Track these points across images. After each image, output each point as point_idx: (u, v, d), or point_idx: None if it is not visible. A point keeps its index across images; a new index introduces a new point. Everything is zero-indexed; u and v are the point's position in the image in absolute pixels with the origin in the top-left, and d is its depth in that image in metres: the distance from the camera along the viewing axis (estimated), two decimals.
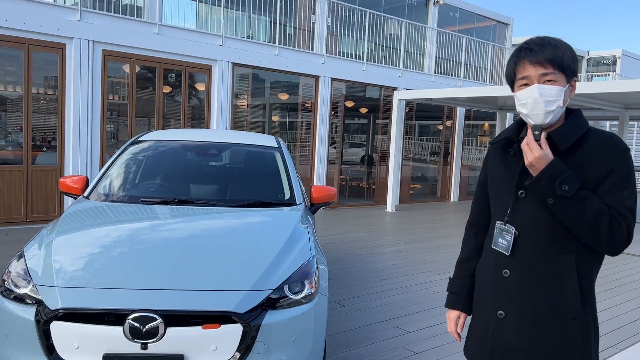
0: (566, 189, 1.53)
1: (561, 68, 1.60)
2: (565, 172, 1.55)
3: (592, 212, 1.53)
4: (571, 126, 1.65)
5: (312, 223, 3.65)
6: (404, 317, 4.64)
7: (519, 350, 1.66)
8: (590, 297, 1.65)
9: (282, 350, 2.62)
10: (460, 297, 1.92)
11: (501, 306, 1.70)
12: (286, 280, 2.75)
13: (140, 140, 4.29)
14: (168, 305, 2.45)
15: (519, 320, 1.66)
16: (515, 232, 1.67)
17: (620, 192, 1.56)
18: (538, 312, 1.63)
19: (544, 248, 1.62)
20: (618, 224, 1.54)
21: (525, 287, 1.65)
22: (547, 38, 1.64)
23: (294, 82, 11.20)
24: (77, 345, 2.42)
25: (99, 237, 2.94)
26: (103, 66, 8.50)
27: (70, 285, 2.52)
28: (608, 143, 1.61)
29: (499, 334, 1.70)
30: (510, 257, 1.68)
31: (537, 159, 1.56)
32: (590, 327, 1.64)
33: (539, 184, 1.57)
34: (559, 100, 1.59)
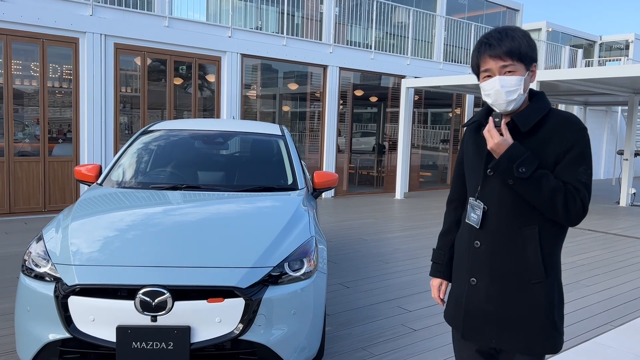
0: (523, 171, 1.69)
1: (519, 58, 1.74)
2: (522, 155, 1.70)
3: (549, 189, 1.69)
4: (533, 109, 1.79)
5: (313, 206, 3.82)
6: (405, 298, 4.82)
7: (489, 313, 1.83)
8: (553, 265, 1.80)
9: (283, 323, 2.81)
10: (441, 266, 2.10)
11: (473, 274, 1.87)
12: (286, 258, 2.93)
13: (150, 130, 4.49)
14: (175, 280, 2.65)
15: (488, 286, 1.82)
16: (484, 207, 1.83)
17: (576, 169, 1.71)
18: (505, 278, 1.80)
19: (509, 221, 1.79)
20: (573, 198, 1.69)
21: (493, 257, 1.81)
22: (505, 30, 1.77)
23: (303, 72, 11.34)
24: (93, 317, 2.63)
25: (112, 220, 3.14)
26: (115, 59, 8.73)
27: (86, 263, 2.73)
28: (566, 123, 1.75)
29: (472, 299, 1.88)
30: (480, 230, 1.85)
31: (496, 144, 1.72)
32: (554, 292, 1.80)
33: (499, 167, 1.74)
34: (519, 89, 1.73)
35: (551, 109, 1.80)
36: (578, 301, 4.92)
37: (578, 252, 7.11)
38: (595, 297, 5.06)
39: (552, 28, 18.74)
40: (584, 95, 13.42)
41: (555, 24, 18.94)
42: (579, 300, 4.96)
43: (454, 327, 1.97)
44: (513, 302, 1.79)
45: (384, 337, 3.90)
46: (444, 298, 2.13)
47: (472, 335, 1.88)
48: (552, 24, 18.78)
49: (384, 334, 3.97)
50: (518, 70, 1.73)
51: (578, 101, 15.62)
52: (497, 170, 1.74)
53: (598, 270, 6.14)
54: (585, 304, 4.84)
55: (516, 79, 1.73)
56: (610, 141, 19.12)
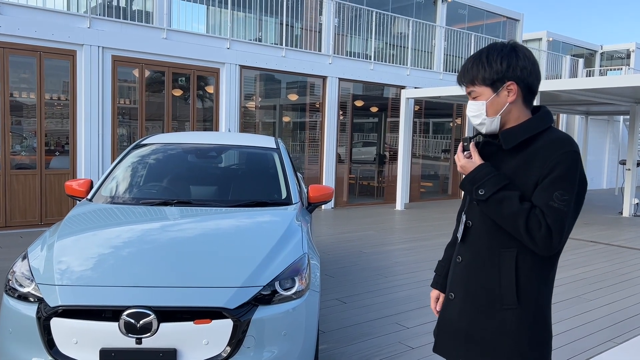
0: (481, 193, 1.68)
1: (482, 82, 1.75)
2: (485, 177, 1.69)
3: (509, 213, 1.63)
4: (522, 127, 1.73)
5: (307, 221, 3.74)
6: (403, 314, 4.71)
7: (460, 330, 1.81)
8: (532, 292, 1.70)
9: (273, 345, 2.72)
10: (441, 278, 2.10)
11: (452, 288, 1.87)
12: (277, 277, 2.84)
13: (143, 144, 4.43)
14: (161, 301, 2.56)
15: (462, 302, 1.81)
16: (468, 222, 1.83)
17: (550, 192, 1.60)
18: (477, 297, 1.76)
19: (489, 240, 1.75)
20: (538, 223, 1.58)
21: (469, 273, 1.79)
22: (474, 56, 1.79)
23: (303, 83, 11.31)
24: (76, 340, 2.54)
25: (98, 238, 3.07)
26: (113, 71, 8.70)
27: (70, 283, 2.65)
28: (554, 143, 1.65)
29: (447, 314, 1.88)
30: (462, 244, 1.85)
31: (461, 167, 1.78)
32: (528, 320, 1.70)
33: (463, 189, 1.78)
34: (481, 114, 1.76)
35: (549, 128, 1.73)
36: (579, 317, 4.81)
37: (580, 264, 7.00)
38: (597, 313, 4.95)
39: (552, 38, 18.72)
40: (586, 105, 13.35)
41: (555, 33, 18.92)
42: (580, 315, 4.85)
43: (435, 340, 1.96)
44: (482, 324, 1.75)
45: (380, 356, 3.80)
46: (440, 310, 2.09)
47: (442, 350, 1.87)
48: (552, 34, 18.76)
49: (381, 352, 3.87)
50: (482, 94, 1.76)
51: (580, 111, 15.55)
52: (463, 190, 1.78)
53: (600, 283, 6.02)
54: (586, 320, 4.73)
55: (476, 105, 1.77)
56: (612, 151, 19.02)
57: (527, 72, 1.72)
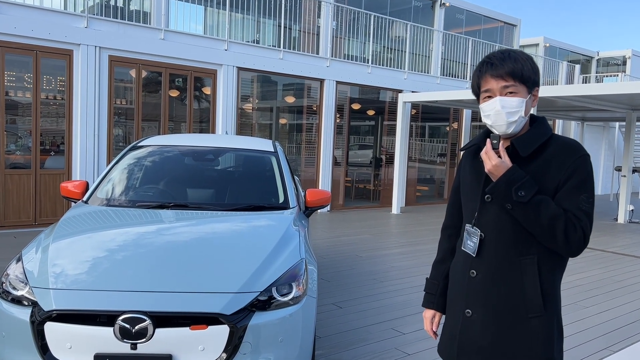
0: (522, 195, 1.61)
1: (522, 80, 1.68)
2: (521, 178, 1.63)
3: (548, 216, 1.60)
4: (534, 134, 1.73)
5: (305, 226, 3.72)
6: (399, 319, 4.69)
7: (483, 348, 1.73)
8: (553, 297, 1.71)
9: (270, 351, 2.69)
10: (435, 297, 2.01)
11: (468, 305, 1.78)
12: (274, 283, 2.82)
13: (140, 146, 4.39)
14: (156, 306, 2.53)
15: (483, 318, 1.73)
16: (481, 234, 1.75)
17: (577, 196, 1.64)
18: (501, 311, 1.70)
19: (507, 250, 1.70)
20: (574, 226, 1.61)
21: (489, 287, 1.72)
22: (508, 51, 1.72)
23: (300, 85, 11.29)
24: (70, 345, 2.51)
25: (94, 241, 3.03)
26: (110, 72, 8.66)
27: (64, 287, 2.62)
28: (568, 149, 1.68)
29: (466, 332, 1.78)
30: (476, 258, 1.77)
31: (494, 167, 1.65)
32: (553, 326, 1.70)
33: (497, 190, 1.66)
34: (520, 111, 1.68)
35: (553, 135, 1.74)
36: (575, 324, 4.81)
37: (575, 271, 7.00)
38: (593, 320, 4.94)
39: (549, 43, 18.78)
40: (582, 111, 13.39)
41: (552, 39, 18.99)
42: (576, 323, 4.85)
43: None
44: (509, 337, 1.70)
45: None
46: (436, 331, 2.03)
47: None
48: (549, 39, 18.82)
49: (376, 358, 3.84)
50: (520, 91, 1.69)
51: (575, 117, 15.60)
52: (494, 193, 1.67)
53: (596, 290, 6.03)
54: (582, 327, 4.73)
55: (517, 101, 1.67)
56: (607, 157, 19.09)
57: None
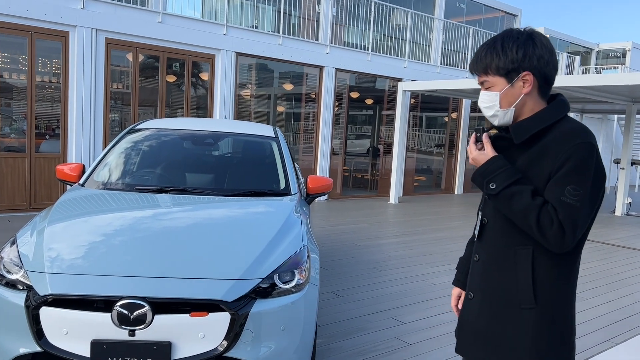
0: (492, 187, 1.63)
1: (496, 72, 1.66)
2: (496, 170, 1.63)
3: (520, 208, 1.57)
4: (534, 119, 1.65)
5: (306, 213, 3.64)
6: (399, 309, 4.65)
7: (479, 331, 1.74)
8: (548, 291, 1.63)
9: (271, 339, 2.63)
10: (462, 276, 2.04)
11: (470, 288, 1.81)
12: (276, 270, 2.75)
13: (137, 129, 4.30)
14: (156, 292, 2.46)
15: (481, 303, 1.75)
16: (483, 219, 1.78)
17: (562, 187, 1.53)
18: (495, 297, 1.70)
19: (505, 238, 1.69)
20: (550, 220, 1.52)
21: (486, 273, 1.73)
22: (487, 44, 1.70)
23: (299, 73, 11.17)
24: (66, 330, 2.44)
25: (91, 225, 2.95)
26: (106, 54, 8.51)
27: (60, 271, 2.54)
28: (567, 135, 1.57)
29: (466, 314, 1.81)
30: (478, 243, 1.79)
31: (473, 159, 1.72)
32: (547, 321, 1.63)
33: (475, 182, 1.72)
34: (494, 105, 1.69)
35: (564, 119, 1.64)
36: (577, 316, 4.78)
37: None
38: (594, 312, 4.91)
39: (550, 34, 18.66)
40: (582, 102, 13.33)
41: (553, 30, 18.87)
42: (577, 314, 4.81)
43: (456, 341, 1.89)
44: (501, 324, 1.69)
45: (377, 352, 3.72)
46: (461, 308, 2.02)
47: (463, 350, 1.82)
48: (550, 30, 18.71)
49: (377, 347, 3.80)
50: (496, 84, 1.68)
51: (575, 108, 15.54)
52: (474, 183, 1.73)
53: (597, 282, 6.00)
54: (583, 319, 4.69)
55: (489, 95, 1.69)
56: (605, 149, 19.07)
57: (544, 62, 1.63)
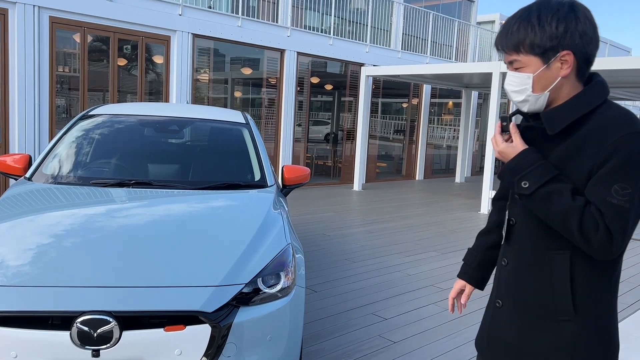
0: (525, 186, 1.38)
1: (530, 50, 1.40)
2: (528, 166, 1.39)
3: (559, 211, 1.33)
4: (569, 106, 1.40)
5: (285, 206, 3.34)
6: (379, 302, 4.43)
7: (510, 343, 1.53)
8: (588, 300, 1.41)
9: (256, 351, 2.33)
10: (469, 269, 1.84)
11: (498, 295, 1.60)
12: (259, 273, 2.45)
13: (91, 115, 3.86)
14: (123, 305, 2.11)
15: (510, 312, 1.54)
16: (511, 219, 1.55)
17: (608, 186, 1.30)
18: (527, 307, 1.49)
19: (537, 241, 1.46)
20: (594, 224, 1.30)
21: (517, 279, 1.52)
22: (519, 14, 1.44)
23: (258, 57, 10.74)
24: (15, 354, 2.06)
25: (42, 225, 2.55)
26: (51, 35, 7.84)
27: (5, 283, 2.15)
28: (612, 124, 1.33)
29: (494, 324, 1.60)
30: (507, 246, 1.57)
31: (500, 152, 1.46)
32: (589, 336, 1.41)
33: (503, 180, 1.47)
34: (526, 89, 1.43)
35: (605, 103, 1.39)
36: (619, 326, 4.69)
37: None
38: None
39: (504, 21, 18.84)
40: None
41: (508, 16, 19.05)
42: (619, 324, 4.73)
43: (479, 352, 1.68)
44: (534, 337, 1.46)
45: (361, 352, 3.49)
46: (464, 304, 1.84)
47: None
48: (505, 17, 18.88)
49: (361, 347, 3.56)
50: (528, 65, 1.42)
51: None
52: (502, 181, 1.51)
53: None
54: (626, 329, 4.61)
55: (520, 78, 1.43)
56: None
57: (587, 39, 1.38)
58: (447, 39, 15.01)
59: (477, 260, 1.81)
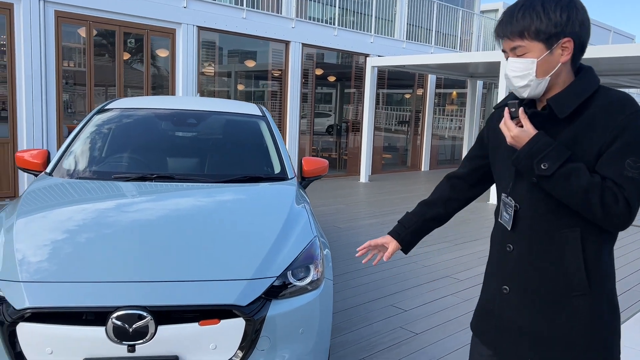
0: (544, 168, 1.42)
1: (535, 36, 1.46)
2: (545, 148, 1.43)
3: (580, 188, 1.39)
4: (573, 89, 1.48)
5: (307, 200, 3.32)
6: (397, 294, 4.42)
7: (523, 328, 1.55)
8: (600, 274, 1.49)
9: (289, 345, 2.32)
10: (404, 231, 1.88)
11: (505, 281, 1.61)
12: (289, 266, 2.43)
13: (108, 109, 3.83)
14: (159, 299, 2.10)
15: (522, 297, 1.56)
16: (515, 205, 1.57)
17: (622, 161, 1.38)
18: (541, 289, 1.52)
19: (546, 222, 1.50)
20: (614, 197, 1.37)
21: (527, 263, 1.54)
22: (522, 3, 1.49)
23: (263, 49, 10.67)
24: (51, 350, 2.05)
25: (69, 220, 2.53)
26: (56, 29, 7.79)
27: (39, 279, 2.13)
28: (616, 104, 1.42)
29: (504, 311, 1.61)
30: (512, 232, 1.58)
31: (514, 138, 1.48)
32: (602, 306, 1.49)
33: (519, 164, 1.48)
34: (530, 74, 1.48)
35: (600, 88, 1.49)
36: None
37: None
38: None
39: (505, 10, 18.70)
40: None
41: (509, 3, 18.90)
42: None
43: (483, 342, 1.69)
44: (551, 317, 1.51)
45: (384, 344, 3.48)
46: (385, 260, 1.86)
47: (506, 353, 1.61)
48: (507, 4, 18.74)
49: (383, 340, 3.55)
50: (531, 51, 1.47)
51: None
52: (517, 166, 1.50)
53: None
54: None
55: (523, 63, 1.48)
56: None
57: (585, 29, 1.48)
58: (451, 28, 14.92)
59: (414, 227, 1.86)
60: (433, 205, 1.88)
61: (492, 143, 1.71)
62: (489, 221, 7.78)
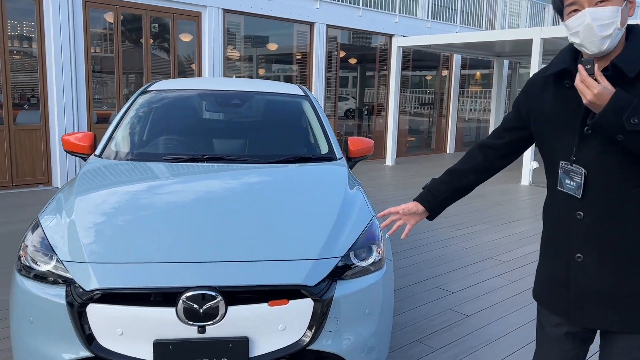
0: (635, 122, 1.37)
1: None
2: (630, 103, 1.38)
3: None
4: (635, 47, 1.46)
5: (357, 180, 3.25)
6: (441, 277, 4.36)
7: (604, 292, 1.55)
8: None
9: (356, 326, 2.28)
10: (434, 199, 1.85)
11: (578, 249, 1.58)
12: (352, 246, 2.38)
13: (150, 90, 3.79)
14: (229, 280, 2.06)
15: (599, 262, 1.55)
16: (584, 172, 1.53)
17: None
18: (618, 252, 1.52)
19: (617, 185, 1.50)
20: None
21: (601, 228, 1.53)
22: None
23: (288, 32, 10.55)
24: (121, 331, 2.03)
25: (130, 201, 2.50)
26: (84, 15, 7.77)
27: (106, 260, 2.11)
28: None
29: (580, 279, 1.59)
30: (582, 199, 1.56)
31: (596, 95, 1.39)
32: None
33: (605, 122, 1.41)
34: (615, 22, 1.42)
35: None
36: None
37: None
38: None
39: None
40: None
41: None
42: None
43: (556, 312, 1.67)
44: (631, 276, 1.51)
45: (436, 327, 3.43)
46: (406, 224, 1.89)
47: (585, 320, 1.60)
48: None
49: (434, 322, 3.50)
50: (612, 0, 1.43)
51: None
52: (601, 126, 1.43)
53: None
54: None
55: (611, 10, 1.42)
56: None
57: None
58: (476, 7, 14.60)
59: (444, 195, 1.84)
60: (465, 175, 1.84)
61: (541, 112, 1.65)
62: (524, 202, 7.64)
